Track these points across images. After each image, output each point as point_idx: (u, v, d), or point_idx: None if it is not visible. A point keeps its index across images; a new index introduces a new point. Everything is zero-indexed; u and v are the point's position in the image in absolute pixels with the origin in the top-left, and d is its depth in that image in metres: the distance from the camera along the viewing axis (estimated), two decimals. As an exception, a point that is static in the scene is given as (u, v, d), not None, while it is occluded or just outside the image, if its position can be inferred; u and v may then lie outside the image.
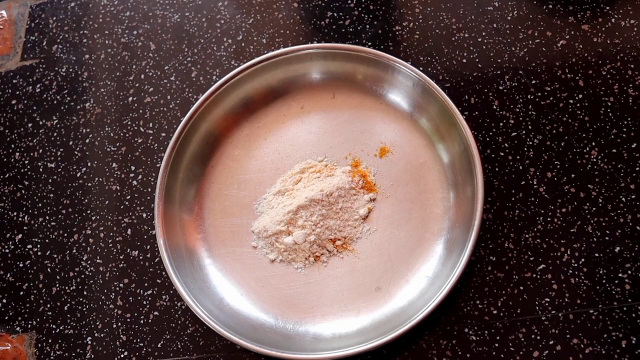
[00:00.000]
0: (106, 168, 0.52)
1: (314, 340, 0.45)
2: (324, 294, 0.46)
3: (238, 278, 0.47)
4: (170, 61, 0.54)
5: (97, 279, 0.49)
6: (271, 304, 0.46)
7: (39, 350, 0.48)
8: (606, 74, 0.48)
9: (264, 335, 0.45)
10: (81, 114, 0.54)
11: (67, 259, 0.50)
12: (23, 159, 0.54)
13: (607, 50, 0.49)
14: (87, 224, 0.51)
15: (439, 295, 0.41)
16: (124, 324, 0.48)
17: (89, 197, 0.52)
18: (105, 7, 0.57)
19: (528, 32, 0.50)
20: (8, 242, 0.51)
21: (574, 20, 0.50)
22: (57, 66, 0.56)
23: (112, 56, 0.55)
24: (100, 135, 0.53)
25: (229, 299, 0.47)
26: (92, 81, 0.55)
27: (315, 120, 0.51)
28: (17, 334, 0.49)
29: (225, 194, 0.50)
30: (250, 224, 0.48)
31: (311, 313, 0.46)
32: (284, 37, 0.54)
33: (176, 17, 0.56)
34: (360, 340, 0.43)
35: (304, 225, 0.46)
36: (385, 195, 0.48)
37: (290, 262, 0.47)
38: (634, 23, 0.49)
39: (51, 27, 0.57)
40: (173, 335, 0.47)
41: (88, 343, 0.48)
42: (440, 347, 0.44)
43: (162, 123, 0.53)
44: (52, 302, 0.49)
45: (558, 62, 0.49)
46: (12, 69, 0.57)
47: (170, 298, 0.48)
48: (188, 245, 0.48)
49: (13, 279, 0.51)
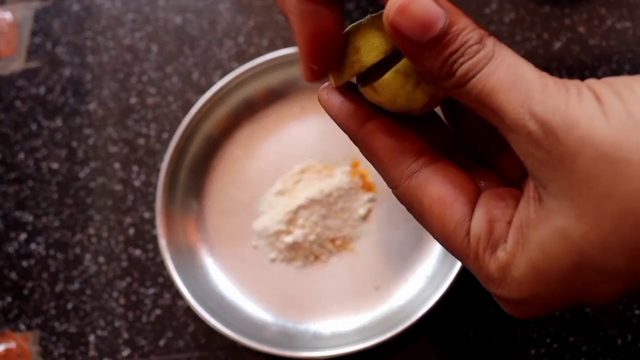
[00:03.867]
0: (109, 168, 0.53)
1: (314, 339, 0.45)
2: (323, 292, 0.46)
3: (239, 277, 0.48)
4: (172, 63, 0.55)
5: (99, 278, 0.50)
6: (271, 302, 0.47)
7: (43, 348, 0.49)
8: (602, 75, 0.49)
9: (264, 333, 0.45)
10: (85, 115, 0.55)
11: (70, 258, 0.51)
12: (27, 159, 0.54)
13: (603, 52, 0.49)
14: (90, 223, 0.51)
15: (437, 294, 0.42)
16: (126, 322, 0.48)
17: (92, 197, 0.52)
18: (108, 10, 0.57)
19: (525, 35, 0.51)
20: (12, 242, 0.52)
21: (571, 22, 0.50)
22: (61, 68, 0.56)
23: (115, 58, 0.56)
24: (103, 136, 0.54)
25: (230, 298, 0.47)
26: (96, 83, 0.55)
27: (315, 121, 0.51)
28: (21, 332, 0.49)
29: (226, 193, 0.50)
30: (251, 224, 0.49)
31: (311, 312, 0.46)
32: (284, 39, 0.54)
33: (178, 20, 0.56)
34: (359, 338, 0.43)
35: (304, 224, 0.47)
36: (384, 195, 0.48)
37: (291, 261, 0.47)
38: (629, 25, 0.50)
39: (55, 30, 0.58)
40: (175, 333, 0.48)
41: (91, 341, 0.48)
42: (439, 345, 0.44)
43: (163, 124, 0.53)
44: (56, 301, 0.50)
45: (555, 63, 0.50)
46: (16, 71, 0.57)
47: (172, 297, 0.49)
48: (189, 245, 0.48)
49: (17, 277, 0.51)
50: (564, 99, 0.21)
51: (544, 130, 0.21)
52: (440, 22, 0.22)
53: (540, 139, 0.21)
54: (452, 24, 0.22)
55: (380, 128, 0.26)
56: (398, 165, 0.26)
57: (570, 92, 0.21)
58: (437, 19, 0.22)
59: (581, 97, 0.21)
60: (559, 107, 0.21)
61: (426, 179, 0.25)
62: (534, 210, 0.22)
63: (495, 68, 0.22)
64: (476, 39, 0.22)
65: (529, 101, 0.21)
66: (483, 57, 0.22)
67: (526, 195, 0.23)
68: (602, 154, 0.20)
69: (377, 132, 0.26)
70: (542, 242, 0.22)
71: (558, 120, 0.21)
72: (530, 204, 0.23)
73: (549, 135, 0.21)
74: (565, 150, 0.21)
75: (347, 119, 0.27)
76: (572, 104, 0.21)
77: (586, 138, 0.20)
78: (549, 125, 0.21)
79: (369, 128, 0.26)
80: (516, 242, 0.23)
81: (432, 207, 0.25)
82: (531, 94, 0.21)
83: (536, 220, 0.22)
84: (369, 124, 0.26)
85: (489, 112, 0.23)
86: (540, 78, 0.22)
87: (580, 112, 0.21)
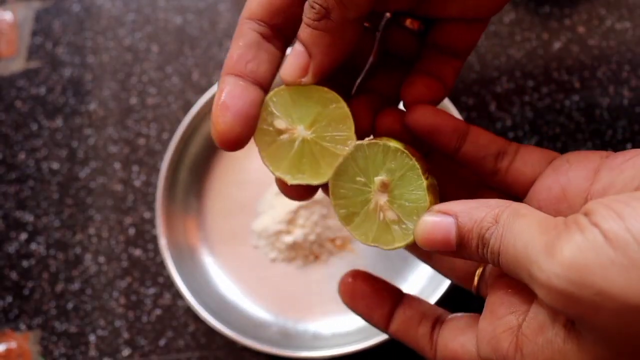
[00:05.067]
0: (109, 168, 0.53)
1: (314, 339, 0.45)
2: (323, 292, 0.46)
3: (239, 277, 0.48)
4: (172, 63, 0.55)
5: (100, 278, 0.50)
6: (271, 302, 0.47)
7: (43, 347, 0.49)
8: (602, 75, 0.49)
9: (264, 333, 0.45)
10: (85, 115, 0.55)
11: (70, 258, 0.51)
12: (28, 159, 0.54)
13: (602, 52, 0.50)
14: (90, 223, 0.52)
15: (437, 294, 0.42)
16: (126, 322, 0.48)
17: (92, 197, 0.52)
18: (108, 10, 0.58)
19: (525, 35, 0.51)
20: (13, 242, 0.52)
21: (570, 22, 0.51)
22: (62, 68, 0.56)
23: (115, 58, 0.56)
24: (104, 137, 0.54)
25: (230, 298, 0.47)
26: (96, 83, 0.55)
27: (315, 122, 0.51)
28: (21, 331, 0.50)
29: (227, 193, 0.50)
30: (251, 224, 0.49)
31: (311, 311, 0.46)
32: (284, 40, 0.54)
33: (178, 20, 0.56)
34: (359, 338, 0.43)
35: (304, 224, 0.47)
36: (384, 195, 0.48)
37: (291, 261, 0.47)
38: (629, 25, 0.50)
39: (56, 30, 0.58)
40: (175, 333, 0.48)
41: (91, 341, 0.49)
42: (438, 344, 0.44)
43: (164, 124, 0.53)
44: (56, 301, 0.50)
45: (554, 64, 0.50)
46: (17, 71, 0.57)
47: (172, 296, 0.49)
48: (189, 245, 0.48)
49: (18, 277, 0.51)
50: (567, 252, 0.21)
51: (556, 297, 0.21)
52: (451, 232, 0.25)
53: (556, 304, 0.22)
54: (461, 227, 0.25)
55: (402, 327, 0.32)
56: (426, 353, 0.31)
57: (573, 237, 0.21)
58: (447, 232, 0.25)
59: (588, 237, 0.21)
60: (562, 266, 0.21)
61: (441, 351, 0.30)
62: (563, 340, 0.23)
63: (506, 246, 0.23)
64: (490, 222, 0.24)
65: (529, 269, 0.22)
66: (495, 240, 0.24)
67: (547, 313, 0.24)
68: (622, 307, 0.20)
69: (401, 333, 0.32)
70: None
71: (564, 282, 0.21)
72: (556, 328, 0.23)
73: (563, 299, 0.21)
74: (584, 310, 0.21)
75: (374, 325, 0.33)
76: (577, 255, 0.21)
77: (603, 294, 0.20)
78: (557, 291, 0.21)
79: (394, 331, 0.32)
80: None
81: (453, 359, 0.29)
82: (529, 262, 0.22)
83: (563, 349, 0.23)
84: (392, 326, 0.32)
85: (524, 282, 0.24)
86: (540, 234, 0.22)
87: (591, 262, 0.21)
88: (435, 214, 0.26)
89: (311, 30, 0.26)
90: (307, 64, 0.26)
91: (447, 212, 0.25)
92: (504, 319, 0.25)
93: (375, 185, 0.27)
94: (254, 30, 0.27)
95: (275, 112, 0.27)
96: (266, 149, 0.28)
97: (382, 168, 0.27)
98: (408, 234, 0.27)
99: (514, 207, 0.24)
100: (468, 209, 0.25)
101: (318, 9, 0.25)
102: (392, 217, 0.27)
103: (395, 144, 0.27)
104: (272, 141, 0.28)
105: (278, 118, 0.27)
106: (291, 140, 0.27)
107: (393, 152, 0.27)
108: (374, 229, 0.27)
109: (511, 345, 0.24)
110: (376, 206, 0.27)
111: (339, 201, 0.28)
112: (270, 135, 0.28)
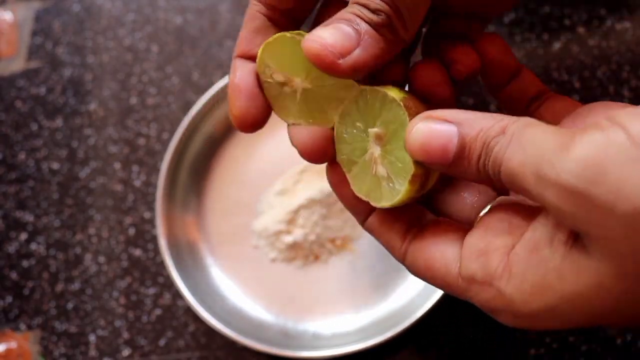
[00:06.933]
0: (109, 168, 0.53)
1: (314, 339, 0.45)
2: (323, 292, 0.46)
3: (239, 277, 0.48)
4: (172, 63, 0.55)
5: (100, 278, 0.50)
6: (271, 302, 0.47)
7: (43, 347, 0.49)
8: (602, 76, 0.49)
9: (264, 333, 0.45)
10: (85, 115, 0.55)
11: (70, 258, 0.51)
12: (28, 159, 0.54)
13: (602, 52, 0.50)
14: (90, 223, 0.52)
15: (437, 294, 0.42)
16: (126, 322, 0.48)
17: (92, 197, 0.52)
18: (108, 10, 0.58)
19: (525, 35, 0.51)
20: (13, 242, 0.52)
21: (570, 23, 0.51)
22: (62, 68, 0.56)
23: (115, 58, 0.56)
24: (104, 137, 0.54)
25: (230, 298, 0.47)
26: (96, 83, 0.55)
27: (315, 122, 0.51)
28: (21, 331, 0.50)
29: (227, 193, 0.50)
30: (251, 224, 0.49)
31: (311, 311, 0.46)
32: (284, 40, 0.54)
33: (178, 20, 0.56)
34: (359, 338, 0.43)
35: (304, 224, 0.47)
36: (384, 195, 0.48)
37: (291, 261, 0.47)
38: (629, 26, 0.50)
39: (55, 30, 0.58)
40: (175, 333, 0.48)
41: (91, 341, 0.49)
42: (439, 345, 0.44)
43: (164, 124, 0.53)
44: (56, 301, 0.50)
45: (554, 64, 0.50)
46: (17, 71, 0.57)
47: (172, 296, 0.49)
48: (189, 245, 0.48)
49: (18, 277, 0.51)
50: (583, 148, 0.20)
51: (565, 196, 0.20)
52: (452, 141, 0.23)
53: (564, 206, 0.20)
54: (464, 136, 0.22)
55: (378, 221, 0.28)
56: (395, 251, 0.27)
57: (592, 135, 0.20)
58: (448, 140, 0.23)
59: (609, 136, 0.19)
60: (577, 161, 0.19)
61: (414, 253, 0.26)
62: (562, 256, 0.21)
63: (512, 152, 0.21)
64: (497, 132, 0.22)
65: (539, 169, 0.20)
66: (500, 147, 0.22)
67: (545, 232, 0.22)
68: (636, 210, 0.19)
69: (375, 226, 0.28)
70: (574, 292, 0.21)
71: (576, 179, 0.19)
72: (555, 244, 0.22)
73: (573, 199, 0.20)
74: (593, 214, 0.19)
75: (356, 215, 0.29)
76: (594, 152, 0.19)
77: (618, 192, 0.19)
78: (568, 188, 0.19)
79: (369, 223, 0.28)
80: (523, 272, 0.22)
81: (425, 267, 0.26)
82: (540, 160, 0.20)
83: (560, 267, 0.21)
84: (369, 219, 0.28)
85: (524, 194, 0.22)
86: (554, 135, 0.21)
87: (610, 159, 0.19)
88: (434, 121, 0.23)
89: (371, 30, 0.25)
90: (352, 49, 0.24)
91: (449, 119, 0.23)
92: (499, 237, 0.23)
93: (370, 136, 0.26)
94: (261, 12, 0.27)
95: (270, 65, 0.27)
96: (275, 102, 0.28)
97: (378, 118, 0.25)
98: (394, 194, 0.25)
99: (525, 119, 0.22)
100: (473, 117, 0.23)
101: (384, 18, 0.24)
102: (382, 173, 0.25)
103: (394, 94, 0.25)
104: (278, 93, 0.28)
105: (275, 72, 0.27)
106: (293, 91, 0.27)
107: (390, 102, 0.25)
108: (367, 181, 0.26)
109: (501, 264, 0.23)
110: (371, 158, 0.26)
111: (341, 145, 0.27)
112: (274, 88, 0.27)
